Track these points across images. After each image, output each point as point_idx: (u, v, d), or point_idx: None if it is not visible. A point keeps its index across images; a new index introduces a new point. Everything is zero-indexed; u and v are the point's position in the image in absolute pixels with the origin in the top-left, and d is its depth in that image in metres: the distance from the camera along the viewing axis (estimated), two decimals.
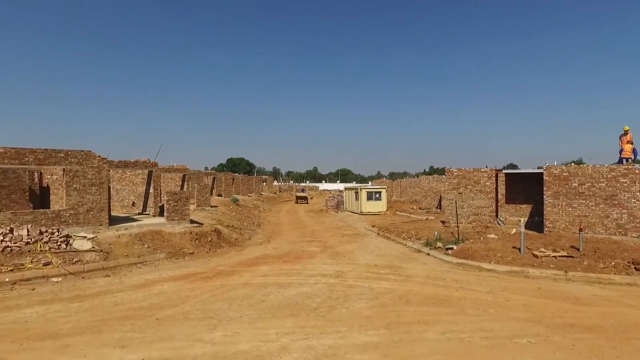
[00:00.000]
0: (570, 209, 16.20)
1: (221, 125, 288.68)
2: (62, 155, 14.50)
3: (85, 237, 13.67)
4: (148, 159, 20.86)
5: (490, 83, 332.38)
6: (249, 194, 49.77)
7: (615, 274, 10.88)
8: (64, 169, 14.63)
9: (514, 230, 16.53)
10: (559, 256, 12.33)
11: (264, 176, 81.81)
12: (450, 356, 5.96)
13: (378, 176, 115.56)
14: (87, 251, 12.69)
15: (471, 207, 20.14)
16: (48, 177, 21.05)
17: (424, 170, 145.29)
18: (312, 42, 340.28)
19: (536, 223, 18.81)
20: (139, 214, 21.41)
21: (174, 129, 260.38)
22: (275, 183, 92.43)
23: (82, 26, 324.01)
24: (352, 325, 7.26)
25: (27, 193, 18.38)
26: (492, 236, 15.88)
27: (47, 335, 6.69)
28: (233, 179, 44.32)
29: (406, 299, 8.94)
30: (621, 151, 17.02)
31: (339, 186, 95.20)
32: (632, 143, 16.90)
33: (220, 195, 38.22)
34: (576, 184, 16.11)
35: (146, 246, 14.27)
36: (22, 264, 11.01)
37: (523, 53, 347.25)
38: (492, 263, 12.46)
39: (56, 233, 12.89)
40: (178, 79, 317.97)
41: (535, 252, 12.70)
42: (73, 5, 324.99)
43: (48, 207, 18.75)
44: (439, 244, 15.39)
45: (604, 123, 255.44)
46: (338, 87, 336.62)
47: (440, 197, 30.84)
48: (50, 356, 5.89)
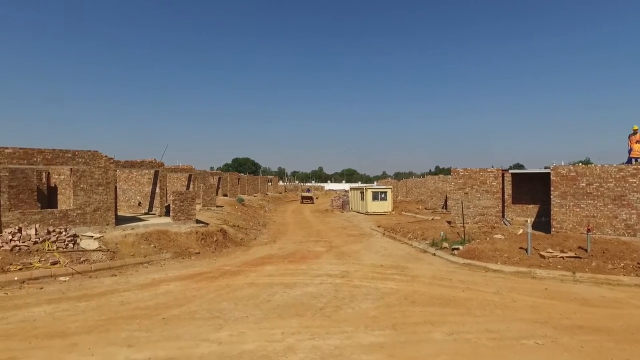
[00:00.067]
0: (578, 210, 16.04)
1: (225, 125, 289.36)
2: (70, 155, 14.62)
3: (92, 237, 13.78)
4: (154, 159, 21.01)
5: (490, 83, 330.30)
6: (255, 194, 49.90)
7: (624, 275, 10.76)
8: (72, 169, 14.76)
9: (521, 230, 16.41)
10: (567, 257, 12.22)
11: (270, 176, 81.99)
12: (456, 357, 5.93)
13: (383, 176, 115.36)
14: (94, 251, 12.79)
15: (477, 207, 20.02)
16: (56, 177, 21.25)
17: (430, 170, 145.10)
18: (312, 42, 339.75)
19: (543, 223, 18.66)
20: (145, 214, 21.55)
21: (176, 129, 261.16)
22: (280, 183, 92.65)
23: (82, 26, 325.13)
24: (358, 325, 7.24)
25: (35, 193, 18.55)
26: (499, 236, 15.77)
27: (55, 333, 6.75)
28: (239, 179, 44.45)
29: (412, 300, 8.91)
30: (630, 150, 16.83)
31: (345, 186, 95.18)
32: None
33: (225, 195, 38.35)
34: (584, 184, 15.95)
35: (152, 246, 14.35)
36: (31, 263, 11.13)
37: (523, 53, 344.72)
38: (499, 264, 12.38)
39: (64, 232, 13.02)
40: (178, 79, 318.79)
41: (542, 253, 12.59)
42: (73, 5, 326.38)
43: (55, 207, 18.95)
44: (445, 244, 15.32)
45: (604, 123, 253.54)
46: (338, 87, 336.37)
47: (446, 197, 30.69)
48: (58, 355, 5.94)
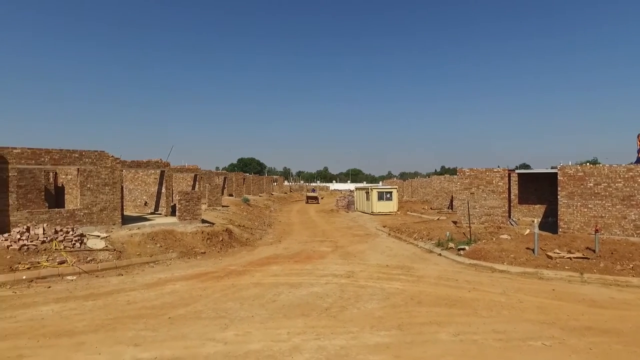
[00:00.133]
0: (585, 210, 15.91)
1: (228, 125, 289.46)
2: (77, 155, 14.74)
3: (98, 236, 13.89)
4: (160, 159, 21.13)
5: (490, 83, 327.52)
6: (260, 194, 49.99)
7: (633, 277, 10.64)
8: (79, 169, 14.87)
9: (527, 230, 16.30)
10: (574, 257, 12.11)
11: (275, 176, 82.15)
12: (462, 358, 5.89)
13: (389, 176, 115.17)
14: (101, 250, 12.88)
15: (483, 208, 19.92)
16: (63, 177, 21.45)
17: (435, 170, 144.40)
18: (312, 42, 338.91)
19: (550, 224, 18.51)
20: (151, 214, 21.68)
21: (181, 129, 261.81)
22: (285, 183, 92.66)
23: (82, 26, 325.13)
24: (364, 325, 7.23)
25: (43, 192, 18.74)
26: (505, 237, 15.67)
27: (63, 332, 6.80)
28: (244, 179, 44.57)
29: (418, 300, 8.87)
30: (639, 150, 16.66)
31: (350, 186, 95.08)
32: None
33: (231, 195, 38.47)
34: (592, 184, 15.81)
35: (158, 245, 14.43)
36: (39, 262, 11.23)
37: (523, 53, 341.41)
38: (505, 264, 12.30)
39: (71, 232, 13.13)
40: (178, 79, 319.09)
41: (549, 253, 12.48)
42: (73, 5, 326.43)
43: (63, 207, 19.13)
44: (451, 245, 15.24)
45: (605, 123, 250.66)
46: (338, 87, 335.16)
47: (451, 197, 30.56)
48: (65, 353, 5.99)
